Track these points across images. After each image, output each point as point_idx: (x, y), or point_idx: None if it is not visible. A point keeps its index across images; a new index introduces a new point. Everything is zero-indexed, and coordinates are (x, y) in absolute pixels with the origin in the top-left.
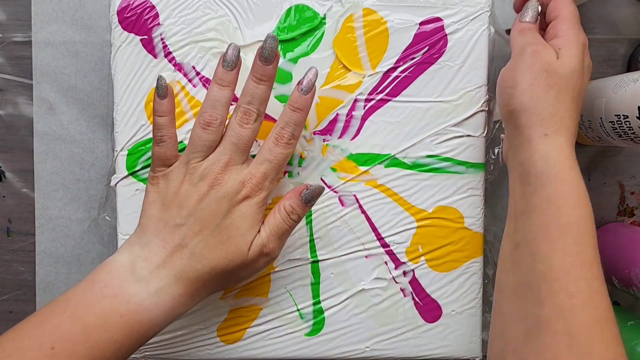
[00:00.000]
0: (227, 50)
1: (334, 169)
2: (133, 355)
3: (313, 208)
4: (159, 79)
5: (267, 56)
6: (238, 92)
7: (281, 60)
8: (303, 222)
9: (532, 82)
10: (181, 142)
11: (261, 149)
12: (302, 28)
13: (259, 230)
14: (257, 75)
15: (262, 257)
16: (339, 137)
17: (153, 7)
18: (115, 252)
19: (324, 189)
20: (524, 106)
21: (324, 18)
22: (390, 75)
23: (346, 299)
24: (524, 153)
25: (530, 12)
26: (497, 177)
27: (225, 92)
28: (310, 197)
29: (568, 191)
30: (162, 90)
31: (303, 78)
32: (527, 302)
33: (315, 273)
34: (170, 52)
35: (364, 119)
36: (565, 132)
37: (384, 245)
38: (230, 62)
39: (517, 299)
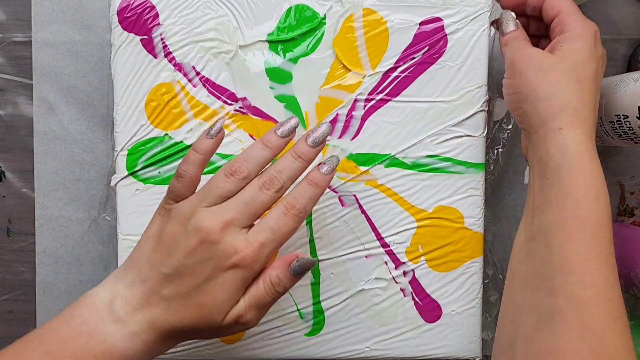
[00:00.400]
0: (289, 120)
1: None
2: None
3: (313, 208)
4: (218, 121)
5: (316, 140)
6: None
7: (281, 60)
8: (303, 222)
9: (532, 83)
10: (181, 142)
11: (267, 216)
12: (302, 28)
13: (239, 300)
14: (297, 152)
15: (237, 325)
16: (339, 137)
17: (153, 7)
18: (100, 284)
19: (315, 262)
20: (533, 106)
21: (324, 18)
22: (390, 75)
23: (346, 299)
24: (541, 149)
25: (505, 22)
26: (497, 177)
27: (266, 152)
28: (300, 270)
29: (587, 184)
30: (215, 132)
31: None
32: (540, 292)
33: (315, 273)
34: (170, 52)
35: (364, 119)
36: (581, 124)
37: (384, 245)
38: (285, 133)
39: (530, 289)
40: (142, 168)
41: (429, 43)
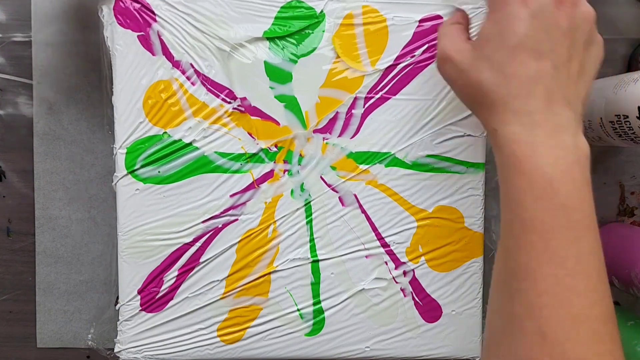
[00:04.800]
0: None
1: (333, 168)
2: (133, 356)
3: (313, 208)
4: None
5: None
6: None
7: (281, 59)
8: (303, 221)
9: (457, 91)
10: (180, 140)
11: None
12: (301, 25)
13: None
14: None
15: None
16: (339, 136)
17: (150, 4)
18: None
19: None
20: (474, 112)
21: (323, 15)
22: (390, 73)
23: (346, 299)
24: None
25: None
26: (497, 177)
27: None
28: None
29: (525, 183)
30: None
31: None
32: (503, 296)
33: (315, 273)
34: (168, 50)
35: (363, 117)
36: (515, 117)
37: (384, 245)
38: None
39: (496, 293)
40: (142, 167)
41: (429, 41)
